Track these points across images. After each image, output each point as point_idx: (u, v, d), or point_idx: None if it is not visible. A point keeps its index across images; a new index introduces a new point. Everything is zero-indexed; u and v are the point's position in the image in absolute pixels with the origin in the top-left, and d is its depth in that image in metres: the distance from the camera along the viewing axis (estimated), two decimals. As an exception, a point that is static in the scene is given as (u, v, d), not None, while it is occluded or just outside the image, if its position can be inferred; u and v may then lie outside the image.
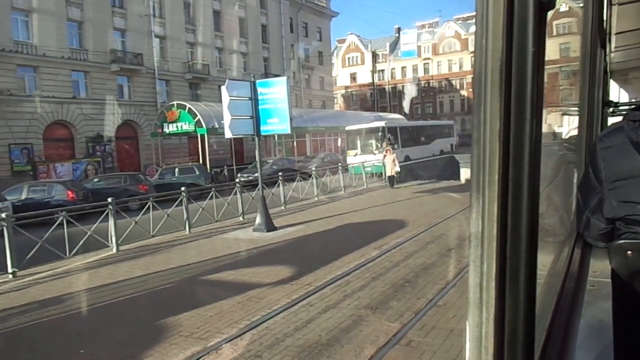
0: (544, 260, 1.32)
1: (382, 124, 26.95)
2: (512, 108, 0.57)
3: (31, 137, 25.71)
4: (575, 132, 2.30)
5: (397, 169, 19.51)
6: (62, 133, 27.82)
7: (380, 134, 26.26)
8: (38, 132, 26.11)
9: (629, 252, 1.50)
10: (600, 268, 1.56)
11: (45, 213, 10.68)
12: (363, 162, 21.62)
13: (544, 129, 0.68)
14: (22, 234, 8.96)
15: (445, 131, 39.02)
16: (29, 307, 6.69)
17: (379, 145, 25.39)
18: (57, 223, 9.48)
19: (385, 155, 20.24)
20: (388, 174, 19.57)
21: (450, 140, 38.68)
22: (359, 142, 26.74)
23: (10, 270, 8.33)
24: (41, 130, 26.25)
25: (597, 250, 1.68)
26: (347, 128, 27.93)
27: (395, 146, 26.22)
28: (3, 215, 8.62)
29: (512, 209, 0.60)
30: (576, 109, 2.29)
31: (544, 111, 0.64)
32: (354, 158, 25.22)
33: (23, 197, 16.19)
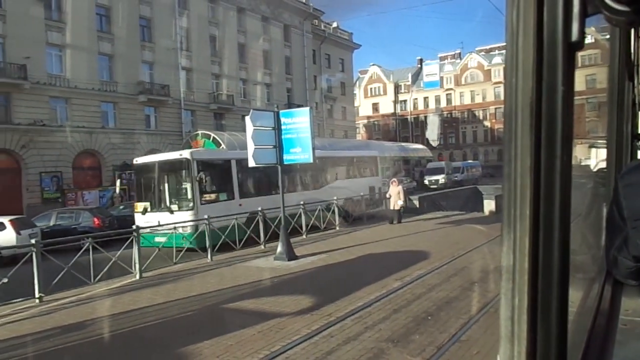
0: (573, 297, 1.30)
1: (186, 154, 14.36)
2: (542, 144, 0.58)
3: (61, 166, 26.46)
4: (603, 165, 2.28)
5: (401, 202, 17.16)
6: (90, 161, 28.58)
7: (184, 172, 14.28)
8: (68, 160, 26.87)
9: None
10: (632, 307, 1.52)
11: (72, 239, 10.89)
12: (151, 227, 12.39)
13: (573, 161, 0.69)
14: (49, 259, 9.13)
15: (362, 167, 23.48)
16: (53, 332, 6.75)
17: (188, 194, 14.21)
18: (83, 249, 9.64)
19: (389, 187, 17.72)
20: (391, 207, 17.34)
21: (371, 182, 22.54)
22: (152, 188, 14.85)
23: (37, 295, 8.45)
24: (71, 159, 27.02)
25: (628, 288, 1.63)
26: (135, 161, 15.77)
27: (223, 195, 15.29)
28: (32, 241, 8.82)
29: (543, 243, 0.60)
30: (604, 141, 2.27)
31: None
32: (143, 217, 14.11)
33: (52, 223, 16.58)
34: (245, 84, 38.85)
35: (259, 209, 13.86)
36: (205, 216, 12.43)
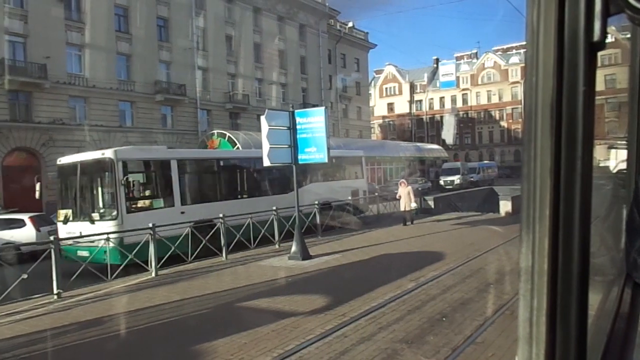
0: (592, 299, 1.28)
1: (109, 153, 11.89)
2: (562, 145, 0.58)
3: (79, 164, 26.87)
4: (623, 166, 2.24)
5: (414, 205, 16.57)
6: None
7: (107, 175, 11.87)
8: (86, 158, 27.25)
9: None
10: None
11: (89, 236, 11.02)
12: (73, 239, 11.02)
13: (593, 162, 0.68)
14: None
15: (342, 168, 19.77)
16: (70, 327, 6.87)
17: (113, 199, 11.69)
18: (100, 246, 9.78)
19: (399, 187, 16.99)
20: (402, 209, 16.66)
21: (354, 185, 19.58)
22: (74, 192, 12.50)
23: (55, 291, 8.60)
24: (88, 156, 27.39)
25: None
26: (58, 161, 13.29)
27: (159, 202, 12.98)
28: (51, 238, 8.97)
29: (563, 244, 0.60)
30: (624, 142, 2.23)
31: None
32: (65, 227, 12.15)
33: (69, 220, 16.79)
34: (260, 83, 39.03)
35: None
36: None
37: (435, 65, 75.14)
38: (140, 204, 12.78)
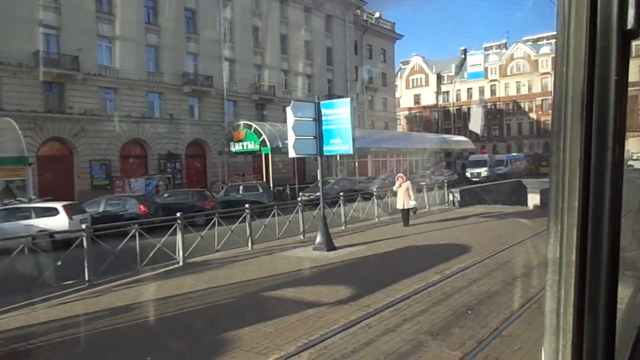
0: (622, 293, 1.26)
1: None
2: (593, 136, 0.57)
3: (110, 154, 27.51)
4: None
5: (412, 202, 14.93)
6: (137, 150, 29.58)
7: None
8: (116, 149, 27.89)
9: None
10: None
11: (119, 225, 11.32)
12: None
13: (625, 154, 0.66)
14: (99, 244, 9.53)
15: None
16: (102, 313, 7.07)
17: None
18: (130, 235, 10.01)
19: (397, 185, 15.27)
20: (399, 207, 15.07)
21: None
22: None
23: (87, 277, 8.85)
24: (118, 147, 28.03)
25: None
26: None
27: None
28: (83, 226, 9.22)
29: (592, 235, 0.59)
30: None
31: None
32: None
33: (101, 209, 17.25)
34: (286, 74, 39.12)
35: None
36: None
37: (463, 56, 73.76)
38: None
